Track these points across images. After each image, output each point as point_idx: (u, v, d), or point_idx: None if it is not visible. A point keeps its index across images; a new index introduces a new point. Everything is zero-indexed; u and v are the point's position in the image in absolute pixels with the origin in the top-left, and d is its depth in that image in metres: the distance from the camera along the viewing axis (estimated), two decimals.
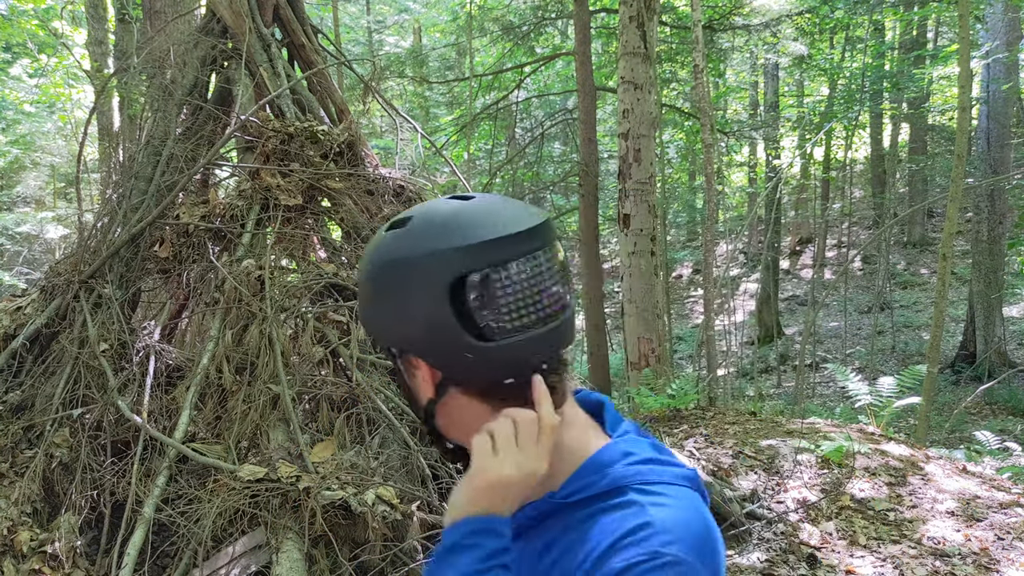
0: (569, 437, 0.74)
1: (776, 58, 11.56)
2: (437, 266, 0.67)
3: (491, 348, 0.67)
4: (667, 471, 0.72)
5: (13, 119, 10.78)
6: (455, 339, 0.67)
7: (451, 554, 0.67)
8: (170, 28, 3.69)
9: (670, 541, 0.64)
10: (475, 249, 0.66)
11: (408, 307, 0.69)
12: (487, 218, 0.68)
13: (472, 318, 0.67)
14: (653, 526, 0.65)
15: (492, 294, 0.66)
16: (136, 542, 2.14)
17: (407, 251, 0.69)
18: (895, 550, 2.84)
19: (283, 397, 2.34)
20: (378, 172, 2.98)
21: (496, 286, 0.66)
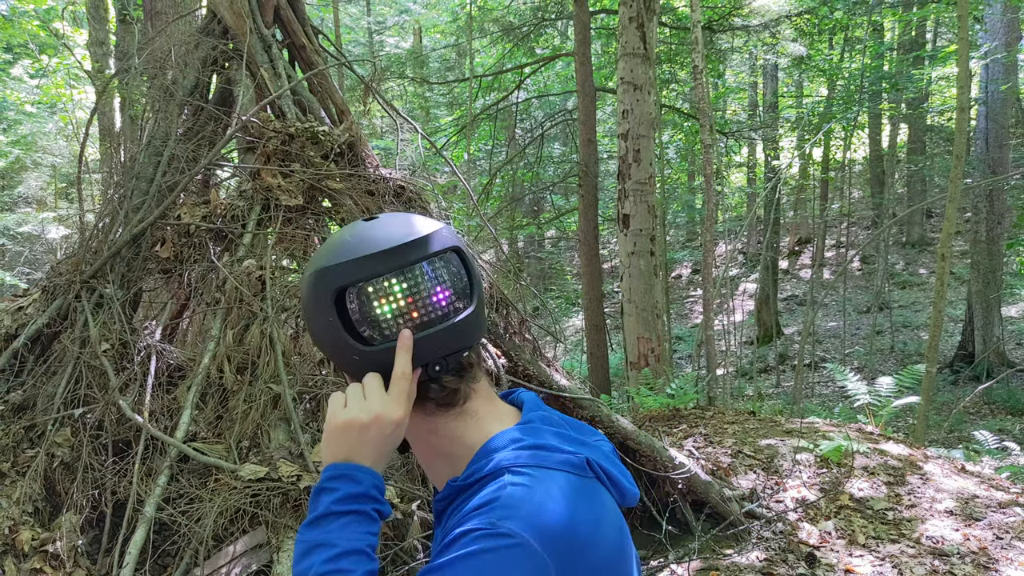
0: (474, 428, 0.80)
1: (775, 59, 11.58)
2: (325, 281, 0.76)
3: (372, 352, 0.76)
4: (552, 456, 0.75)
5: (14, 119, 10.79)
6: (343, 344, 0.77)
7: (313, 498, 0.76)
8: (171, 29, 3.70)
9: (508, 516, 0.67)
10: (350, 265, 0.76)
11: (316, 317, 0.78)
12: (368, 236, 0.78)
13: (352, 326, 0.76)
14: (499, 500, 0.69)
15: (367, 304, 0.76)
16: (137, 541, 2.14)
17: (312, 267, 0.79)
18: (894, 549, 2.85)
19: (284, 396, 2.34)
20: (379, 173, 2.99)
21: (365, 297, 0.76)
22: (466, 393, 0.80)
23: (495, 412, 0.82)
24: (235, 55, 3.14)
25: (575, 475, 0.74)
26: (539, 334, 4.13)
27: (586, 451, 0.78)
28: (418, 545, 2.22)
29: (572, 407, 3.01)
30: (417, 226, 0.79)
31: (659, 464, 2.99)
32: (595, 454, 0.79)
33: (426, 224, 0.80)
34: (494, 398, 0.84)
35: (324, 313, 0.76)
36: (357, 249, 0.76)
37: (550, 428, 0.80)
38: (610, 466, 0.79)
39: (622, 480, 0.79)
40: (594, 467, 0.77)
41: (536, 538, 0.66)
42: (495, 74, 9.97)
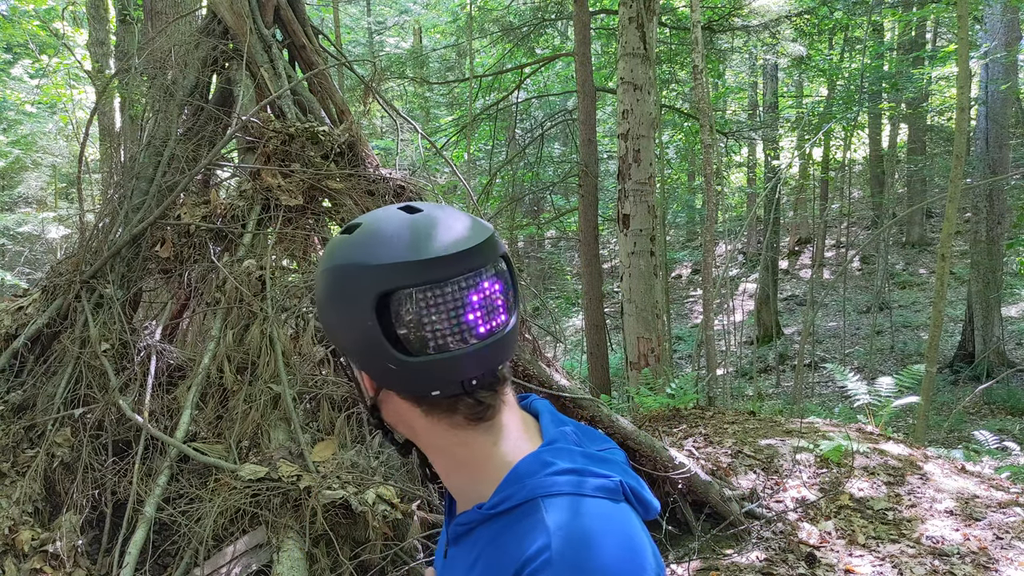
0: (502, 445, 0.75)
1: (775, 59, 11.58)
2: (367, 279, 0.68)
3: (414, 362, 0.69)
4: (587, 482, 0.71)
5: (14, 119, 10.79)
6: (381, 350, 0.69)
7: None
8: (171, 29, 3.70)
9: (566, 568, 0.63)
10: (404, 267, 0.67)
11: (344, 314, 0.71)
12: (425, 236, 0.69)
13: (395, 333, 0.68)
14: (550, 551, 0.64)
15: (417, 312, 0.67)
16: (137, 541, 2.14)
17: (347, 259, 0.70)
18: (894, 549, 2.85)
19: (284, 397, 2.34)
20: (379, 172, 2.99)
21: (421, 305, 0.67)
22: (497, 407, 0.75)
23: (521, 426, 0.78)
24: (235, 55, 3.14)
25: (610, 501, 0.70)
26: (539, 334, 4.13)
27: (613, 469, 0.74)
28: (418, 545, 2.22)
29: (572, 407, 3.01)
30: (474, 227, 0.72)
31: (659, 464, 2.99)
32: (617, 471, 0.75)
33: (480, 225, 0.73)
34: (517, 408, 0.80)
35: (358, 313, 0.69)
36: (414, 249, 0.68)
37: (576, 448, 0.76)
38: (632, 480, 0.75)
39: (644, 494, 0.75)
40: (625, 489, 0.73)
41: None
42: (495, 74, 9.97)
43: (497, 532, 0.70)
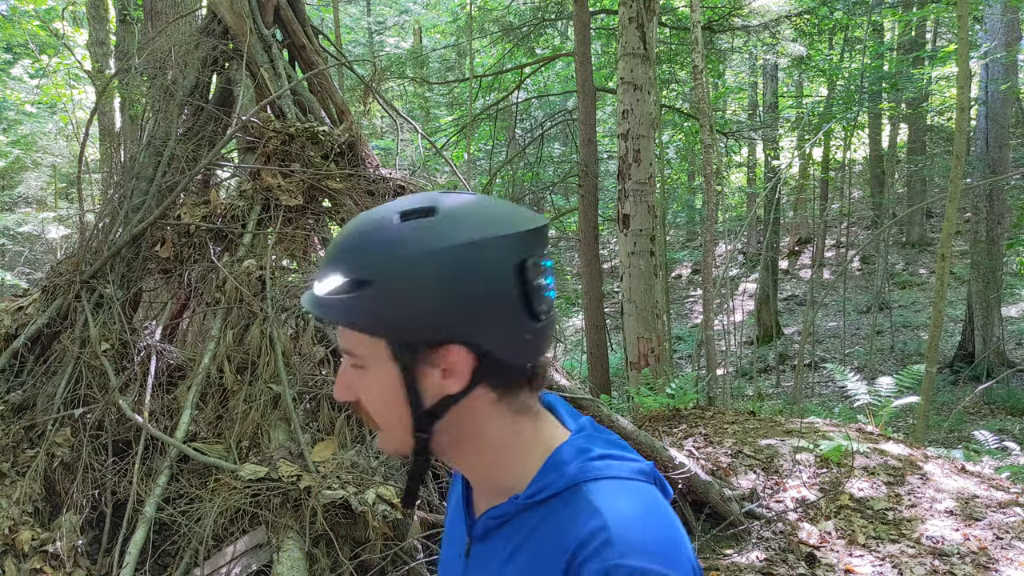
0: (543, 435, 0.76)
1: (775, 59, 11.58)
2: (508, 249, 0.69)
3: (539, 328, 0.71)
4: (624, 466, 0.73)
5: (14, 119, 10.79)
6: (517, 319, 0.69)
7: None
8: (171, 29, 3.70)
9: (625, 552, 0.63)
10: (530, 236, 0.71)
11: (481, 289, 0.68)
12: (511, 209, 0.73)
13: (530, 300, 0.70)
14: (608, 531, 0.64)
15: (540, 279, 0.71)
16: (137, 541, 2.14)
17: (467, 237, 0.68)
18: (894, 549, 2.85)
19: (284, 397, 2.34)
20: (379, 173, 2.99)
21: (540, 272, 0.71)
22: (538, 396, 0.77)
23: (549, 417, 0.79)
24: (235, 55, 3.14)
25: (645, 483, 0.72)
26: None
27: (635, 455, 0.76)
28: (418, 545, 2.22)
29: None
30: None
31: (659, 464, 2.99)
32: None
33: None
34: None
35: (499, 285, 0.68)
36: (522, 221, 0.70)
37: (601, 435, 0.77)
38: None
39: (662, 477, 0.77)
40: (655, 472, 0.75)
41: (660, 563, 0.63)
42: (495, 74, 9.98)
43: (540, 520, 0.71)
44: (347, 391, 0.75)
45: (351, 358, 0.73)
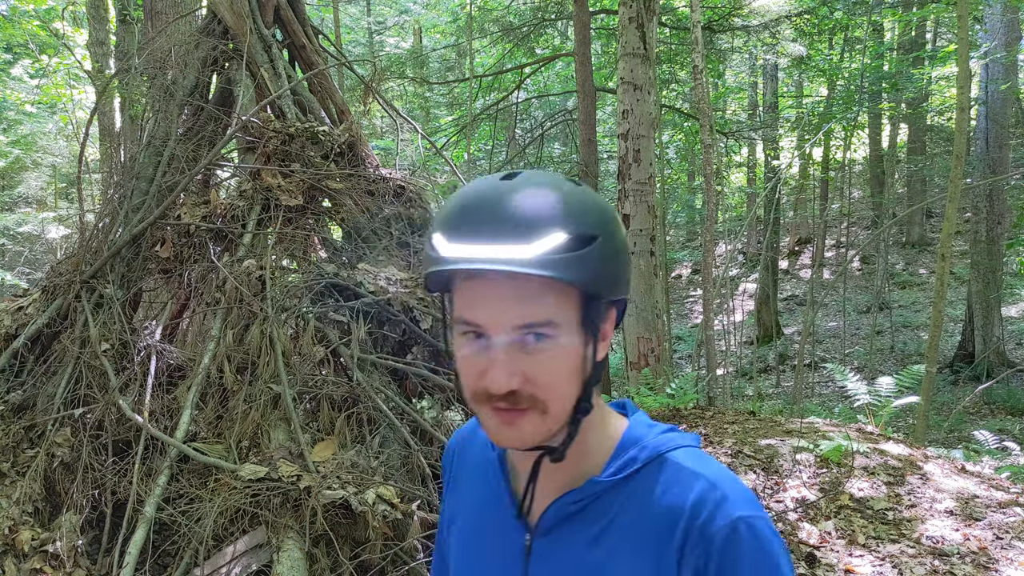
0: (607, 416, 0.78)
1: (775, 59, 11.58)
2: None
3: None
4: (685, 436, 0.78)
5: (14, 119, 10.79)
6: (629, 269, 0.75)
7: None
8: (171, 29, 3.70)
9: (739, 505, 0.68)
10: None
11: (625, 247, 0.72)
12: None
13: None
14: (719, 489, 0.69)
15: None
16: (137, 541, 2.14)
17: (600, 199, 0.73)
18: (894, 549, 2.85)
19: (284, 397, 2.34)
20: (378, 172, 2.99)
21: None
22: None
23: (602, 401, 0.82)
24: (235, 55, 3.14)
25: (702, 449, 0.77)
26: None
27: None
28: (418, 545, 2.22)
29: None
30: None
31: None
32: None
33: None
34: None
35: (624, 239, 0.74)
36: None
37: (642, 414, 0.82)
38: None
39: None
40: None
41: (759, 508, 0.70)
42: (495, 74, 9.98)
43: (628, 495, 0.72)
44: (514, 377, 0.67)
45: (544, 329, 0.67)
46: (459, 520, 0.86)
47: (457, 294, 0.71)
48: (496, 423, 0.70)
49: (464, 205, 0.69)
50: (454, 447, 0.92)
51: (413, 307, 2.62)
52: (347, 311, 2.59)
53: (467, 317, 0.69)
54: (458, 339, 0.71)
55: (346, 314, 2.58)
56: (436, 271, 0.68)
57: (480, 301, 0.68)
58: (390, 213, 2.91)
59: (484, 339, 0.68)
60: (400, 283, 2.68)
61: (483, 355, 0.68)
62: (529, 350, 0.67)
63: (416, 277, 2.75)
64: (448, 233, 0.68)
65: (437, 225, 0.70)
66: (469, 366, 0.70)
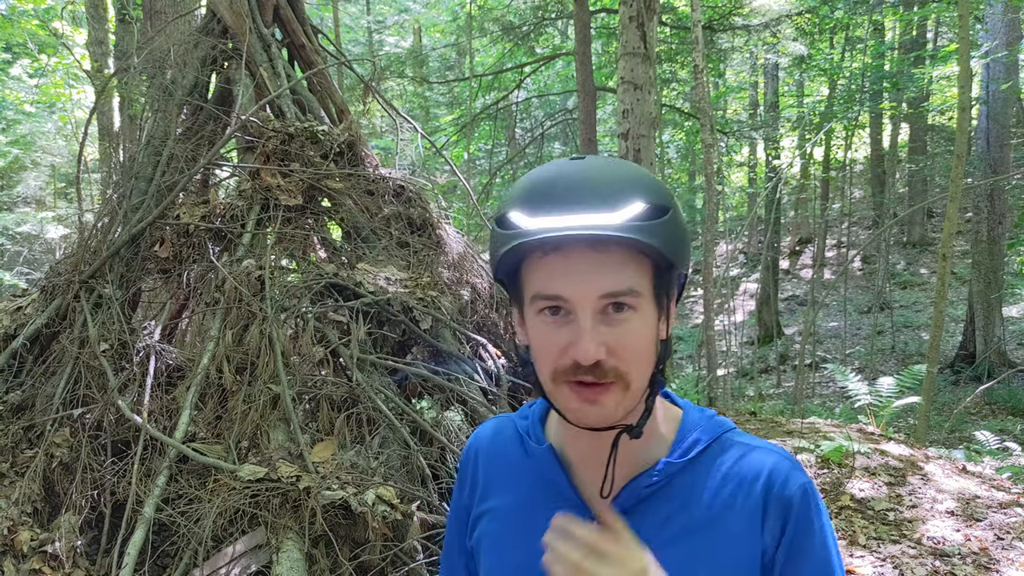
0: (662, 405, 0.82)
1: (776, 58, 11.57)
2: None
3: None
4: (726, 419, 0.84)
5: (13, 119, 10.79)
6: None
7: None
8: (170, 28, 3.69)
9: (802, 472, 0.78)
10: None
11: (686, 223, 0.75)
12: None
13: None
14: (788, 460, 0.78)
15: None
16: (136, 542, 2.14)
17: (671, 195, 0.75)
18: (895, 550, 2.84)
19: (283, 397, 2.34)
20: (378, 172, 2.98)
21: None
22: None
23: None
24: (234, 54, 3.14)
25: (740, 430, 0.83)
26: None
27: None
28: (418, 546, 2.21)
29: None
30: None
31: None
32: None
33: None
34: None
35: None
36: None
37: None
38: None
39: None
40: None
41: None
42: (495, 73, 9.97)
43: (697, 475, 0.78)
44: (600, 347, 0.68)
45: (625, 299, 0.68)
46: (494, 521, 0.84)
47: (533, 271, 0.71)
48: (578, 402, 0.71)
49: (543, 181, 0.70)
50: (475, 449, 0.91)
51: (413, 307, 2.61)
52: (347, 311, 2.58)
53: (548, 291, 0.69)
54: (533, 317, 0.72)
55: (346, 314, 2.58)
56: (516, 245, 0.68)
57: (561, 274, 0.68)
58: (390, 213, 2.90)
59: (564, 313, 0.69)
60: (400, 283, 2.67)
61: (564, 329, 0.69)
62: (610, 320, 0.69)
63: (416, 277, 2.74)
64: (528, 208, 0.68)
65: (511, 204, 0.70)
66: (549, 342, 0.70)
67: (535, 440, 0.83)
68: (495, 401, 2.66)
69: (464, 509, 0.90)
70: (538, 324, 0.71)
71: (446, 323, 2.66)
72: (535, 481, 0.82)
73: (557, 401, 0.74)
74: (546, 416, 0.87)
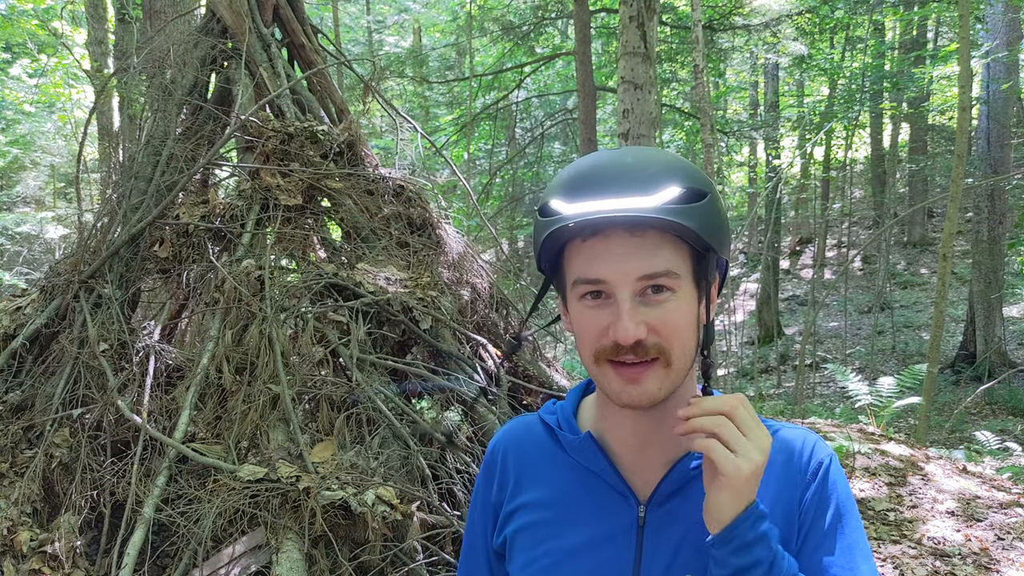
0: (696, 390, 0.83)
1: (776, 58, 11.57)
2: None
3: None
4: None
5: (13, 119, 10.79)
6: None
7: (754, 547, 0.71)
8: (170, 28, 3.68)
9: (824, 443, 0.83)
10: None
11: (725, 209, 0.76)
12: None
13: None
14: (813, 436, 0.82)
15: None
16: (136, 542, 2.13)
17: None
18: (895, 550, 2.84)
19: (283, 397, 2.33)
20: (378, 172, 2.98)
21: None
22: None
23: None
24: (234, 54, 3.13)
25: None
26: (539, 334, 4.12)
27: None
28: (418, 546, 2.21)
29: None
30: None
31: None
32: None
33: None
34: None
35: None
36: None
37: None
38: None
39: None
40: None
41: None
42: (495, 73, 9.97)
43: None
44: (640, 326, 0.70)
45: (663, 280, 0.70)
46: (532, 514, 0.84)
47: (574, 257, 0.73)
48: (620, 383, 0.73)
49: (581, 170, 0.73)
50: (502, 446, 0.91)
51: (413, 307, 2.61)
52: (346, 311, 2.58)
53: (588, 275, 0.72)
54: (575, 303, 0.74)
55: (345, 314, 2.57)
56: (556, 231, 0.71)
57: (600, 257, 0.71)
58: (390, 213, 2.90)
59: (604, 297, 0.72)
60: (400, 283, 2.67)
61: (604, 311, 0.72)
62: (650, 301, 0.71)
63: (415, 277, 2.74)
64: (568, 195, 0.71)
65: (552, 192, 0.73)
66: (591, 325, 0.73)
67: (569, 431, 0.84)
68: (495, 401, 2.66)
69: (493, 507, 0.89)
70: (580, 308, 0.74)
71: (446, 323, 2.66)
72: (573, 471, 0.83)
73: (599, 383, 0.76)
74: (577, 409, 0.88)
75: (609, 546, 0.78)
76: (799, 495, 0.78)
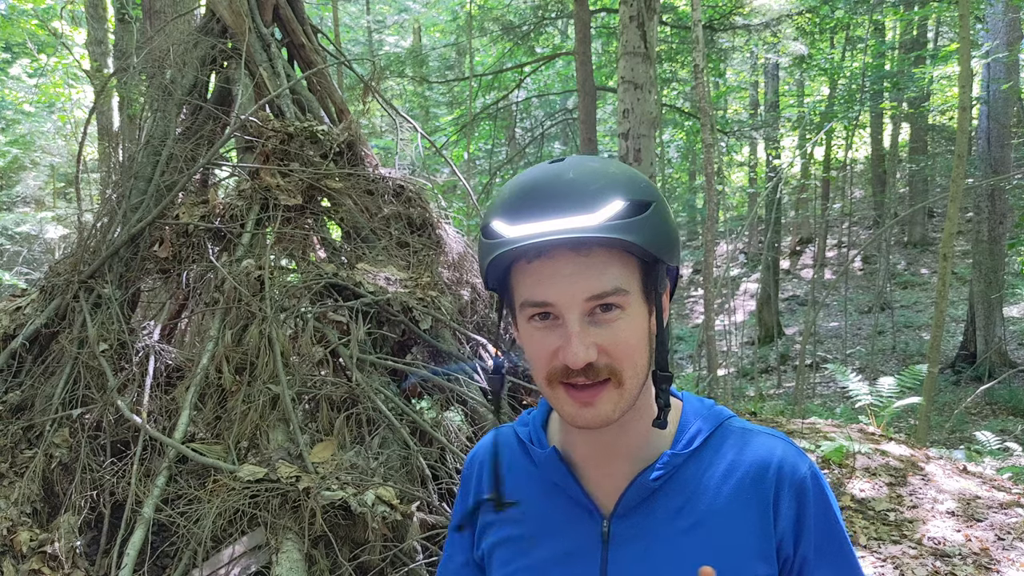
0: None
1: (776, 58, 11.57)
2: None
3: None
4: (724, 408, 0.84)
5: (13, 119, 10.80)
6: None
7: None
8: (170, 28, 3.68)
9: (804, 455, 0.80)
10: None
11: (673, 216, 0.75)
12: None
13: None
14: (792, 447, 0.80)
15: None
16: (136, 542, 2.13)
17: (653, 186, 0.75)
18: (895, 550, 2.84)
19: (283, 397, 2.33)
20: (378, 172, 2.98)
21: None
22: None
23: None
24: (234, 54, 3.13)
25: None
26: None
27: None
28: (418, 546, 2.21)
29: None
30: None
31: None
32: None
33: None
34: None
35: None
36: None
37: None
38: None
39: None
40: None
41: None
42: (495, 73, 9.97)
43: (705, 464, 0.78)
44: (590, 349, 0.68)
45: (612, 299, 0.68)
46: (505, 528, 0.84)
47: (520, 279, 0.71)
48: (574, 406, 0.71)
49: (522, 188, 0.70)
50: (478, 460, 0.91)
51: (412, 307, 2.61)
52: (346, 311, 2.58)
53: (535, 298, 0.70)
54: (524, 324, 0.73)
55: (345, 314, 2.57)
56: (501, 255, 0.69)
57: (547, 280, 0.69)
58: (389, 213, 2.89)
59: (553, 318, 0.70)
60: (400, 283, 2.67)
61: (554, 334, 0.70)
62: (599, 321, 0.69)
63: (415, 277, 2.74)
64: (509, 217, 0.69)
65: (493, 214, 0.70)
66: (541, 348, 0.71)
67: (538, 445, 0.83)
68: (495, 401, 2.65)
69: (470, 519, 0.89)
70: (529, 330, 0.72)
71: (446, 323, 2.66)
72: (543, 485, 0.83)
73: (554, 404, 0.74)
74: (547, 420, 0.87)
75: (577, 561, 0.78)
76: (785, 516, 0.76)
